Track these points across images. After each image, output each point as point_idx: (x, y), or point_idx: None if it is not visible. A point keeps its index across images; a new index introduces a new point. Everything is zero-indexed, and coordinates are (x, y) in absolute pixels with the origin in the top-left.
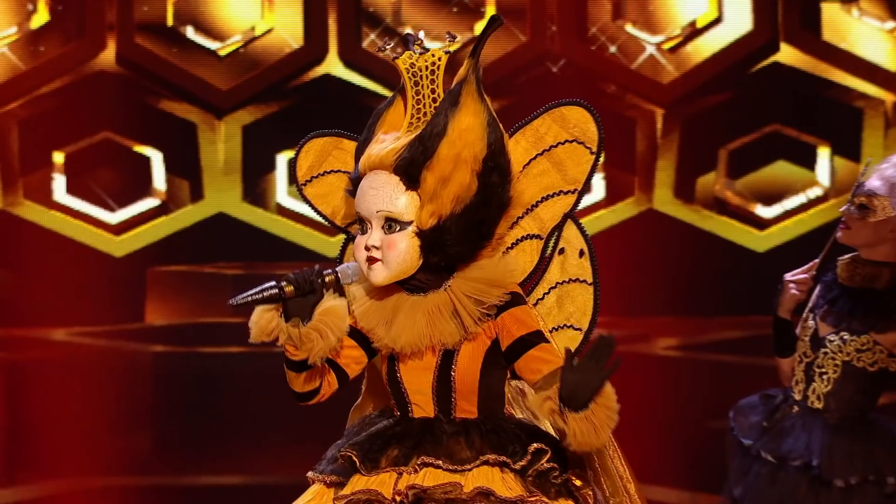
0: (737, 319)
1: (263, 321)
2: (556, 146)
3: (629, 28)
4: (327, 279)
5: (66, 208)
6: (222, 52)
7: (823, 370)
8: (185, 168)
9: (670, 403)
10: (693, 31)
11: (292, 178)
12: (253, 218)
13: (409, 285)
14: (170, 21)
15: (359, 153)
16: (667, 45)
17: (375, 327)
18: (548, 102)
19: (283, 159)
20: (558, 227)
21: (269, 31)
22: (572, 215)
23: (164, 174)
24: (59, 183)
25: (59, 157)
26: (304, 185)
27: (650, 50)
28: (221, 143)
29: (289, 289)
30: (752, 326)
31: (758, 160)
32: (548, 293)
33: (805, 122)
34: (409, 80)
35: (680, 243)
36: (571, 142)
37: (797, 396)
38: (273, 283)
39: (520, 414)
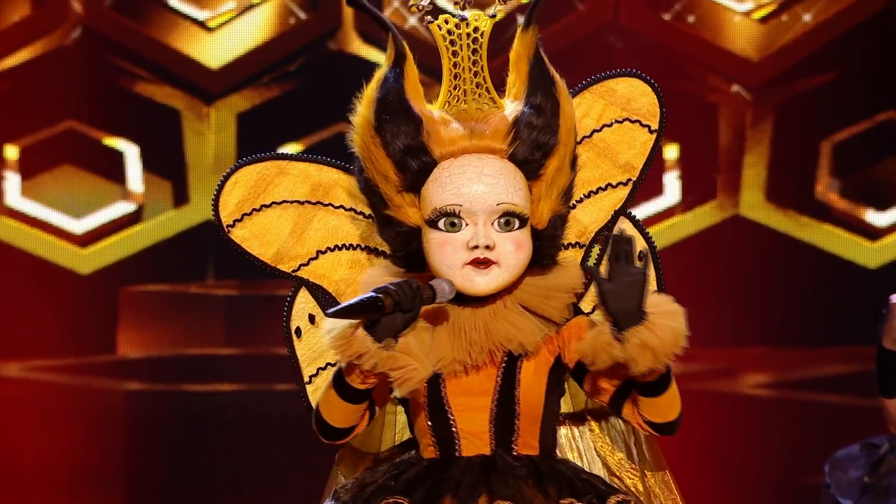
0: (842, 351)
1: (358, 340)
2: (599, 130)
3: None
4: (425, 296)
5: (19, 214)
6: (212, 24)
7: None
8: (167, 165)
9: (758, 452)
10: None
11: (216, 219)
12: None
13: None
14: None
15: (396, 133)
16: (758, 14)
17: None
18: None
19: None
20: (607, 228)
21: None
22: (625, 211)
23: (141, 172)
24: (11, 183)
25: (11, 152)
26: (232, 226)
27: (737, 20)
28: (211, 135)
29: (387, 301)
30: (860, 359)
31: (869, 155)
32: (594, 310)
33: None
34: (447, 50)
35: (773, 257)
36: (622, 121)
37: None
38: (373, 294)
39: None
